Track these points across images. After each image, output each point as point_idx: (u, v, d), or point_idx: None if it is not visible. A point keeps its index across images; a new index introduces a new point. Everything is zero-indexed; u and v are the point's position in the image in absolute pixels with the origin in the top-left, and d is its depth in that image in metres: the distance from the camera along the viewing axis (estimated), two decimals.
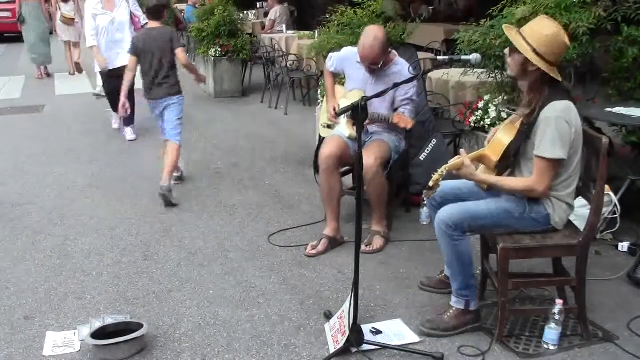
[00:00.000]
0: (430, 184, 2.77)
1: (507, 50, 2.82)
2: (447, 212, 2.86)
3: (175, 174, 5.16)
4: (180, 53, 4.93)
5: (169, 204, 4.80)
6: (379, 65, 3.91)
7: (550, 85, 2.73)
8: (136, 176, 5.56)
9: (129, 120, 6.72)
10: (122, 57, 6.23)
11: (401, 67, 4.01)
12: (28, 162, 6.04)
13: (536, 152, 2.70)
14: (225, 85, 9.16)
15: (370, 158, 3.78)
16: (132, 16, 6.71)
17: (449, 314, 3.00)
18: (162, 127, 5.06)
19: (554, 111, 2.66)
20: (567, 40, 2.72)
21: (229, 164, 5.90)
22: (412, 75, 3.94)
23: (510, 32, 2.79)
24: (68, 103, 8.72)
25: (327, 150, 3.91)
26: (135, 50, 4.93)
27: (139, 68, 4.96)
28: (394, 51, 4.13)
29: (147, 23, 5.30)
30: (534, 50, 2.67)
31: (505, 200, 2.87)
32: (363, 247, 3.85)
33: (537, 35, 2.68)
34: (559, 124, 2.65)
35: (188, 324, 3.13)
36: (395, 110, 3.97)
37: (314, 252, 3.87)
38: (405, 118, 3.78)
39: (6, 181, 5.48)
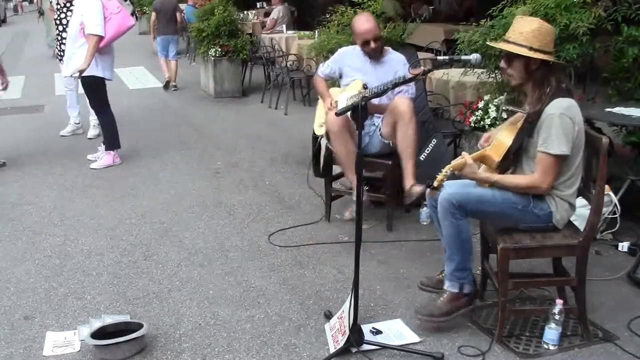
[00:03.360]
0: (435, 184, 2.78)
1: (503, 64, 2.83)
2: (452, 190, 2.83)
3: (172, 83, 9.82)
4: (178, 15, 9.94)
5: (168, 87, 9.79)
6: (380, 44, 4.17)
7: (554, 76, 2.76)
8: (136, 176, 5.56)
9: (111, 144, 5.84)
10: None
11: (394, 55, 4.33)
12: (28, 162, 6.04)
13: (540, 148, 2.71)
14: (225, 85, 9.16)
15: (404, 102, 3.92)
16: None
17: (442, 299, 2.97)
18: (165, 54, 9.82)
19: (558, 108, 2.68)
20: (550, 25, 2.83)
21: (229, 164, 5.90)
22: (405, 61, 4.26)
23: (497, 45, 2.86)
24: None
25: (333, 117, 3.91)
26: (156, 9, 9.78)
27: None
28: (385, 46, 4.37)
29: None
30: (531, 48, 2.70)
31: (511, 192, 2.86)
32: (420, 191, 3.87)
33: (524, 34, 2.73)
34: (563, 121, 2.66)
35: (188, 324, 3.13)
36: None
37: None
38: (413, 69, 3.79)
39: (6, 181, 5.48)
